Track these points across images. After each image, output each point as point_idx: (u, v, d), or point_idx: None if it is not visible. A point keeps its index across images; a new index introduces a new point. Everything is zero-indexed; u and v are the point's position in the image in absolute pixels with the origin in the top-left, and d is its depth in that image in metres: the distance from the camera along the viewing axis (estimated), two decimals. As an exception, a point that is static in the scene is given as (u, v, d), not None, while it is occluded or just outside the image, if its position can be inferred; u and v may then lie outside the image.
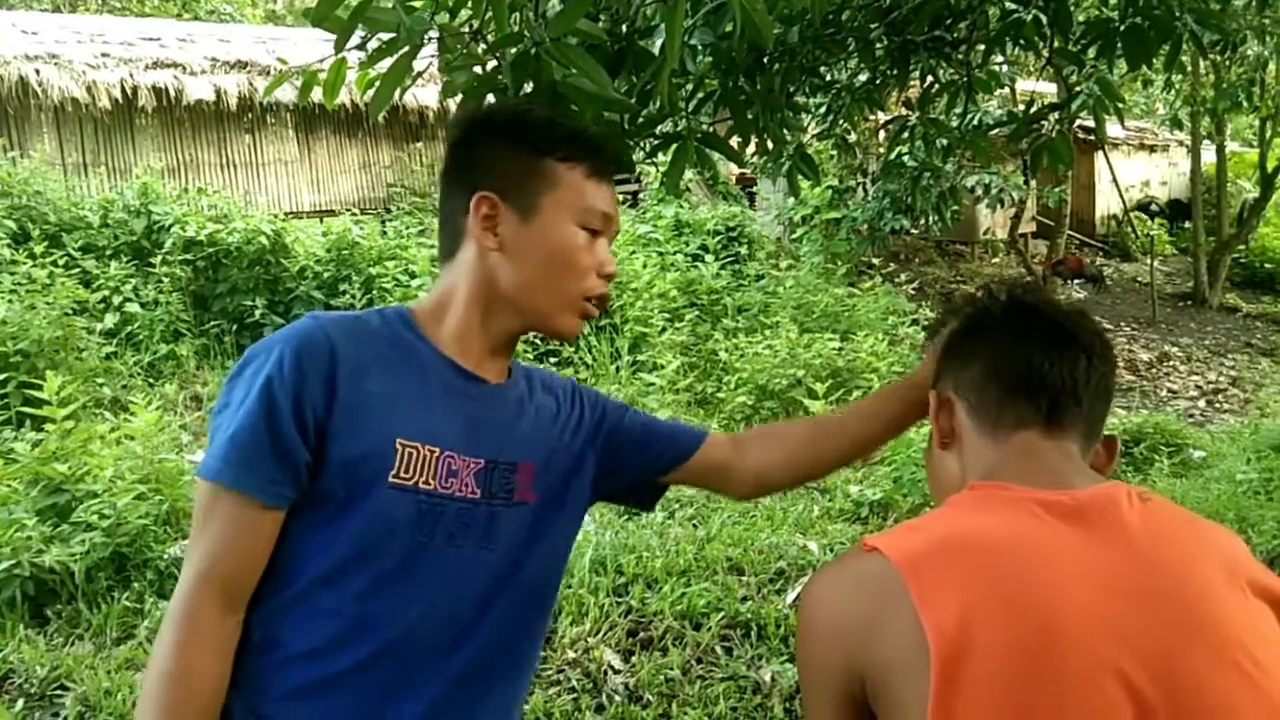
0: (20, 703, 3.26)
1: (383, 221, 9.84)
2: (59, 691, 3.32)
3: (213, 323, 7.75)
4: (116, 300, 7.39)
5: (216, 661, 1.12)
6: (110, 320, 7.22)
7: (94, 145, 9.62)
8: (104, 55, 9.80)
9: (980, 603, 0.84)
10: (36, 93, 9.08)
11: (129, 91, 9.56)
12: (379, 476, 1.14)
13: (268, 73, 10.28)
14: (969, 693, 0.81)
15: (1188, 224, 14.22)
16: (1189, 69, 10.56)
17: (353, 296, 7.99)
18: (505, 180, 1.23)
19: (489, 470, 1.23)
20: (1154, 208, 16.64)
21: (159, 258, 7.76)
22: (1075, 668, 0.82)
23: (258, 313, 7.81)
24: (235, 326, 7.81)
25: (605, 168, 1.28)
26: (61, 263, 7.34)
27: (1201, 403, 8.20)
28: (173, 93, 9.81)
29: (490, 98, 1.54)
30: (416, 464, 1.16)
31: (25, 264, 7.00)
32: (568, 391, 1.43)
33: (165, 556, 4.00)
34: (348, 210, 9.98)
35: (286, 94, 9.70)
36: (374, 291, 7.95)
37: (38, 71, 9.16)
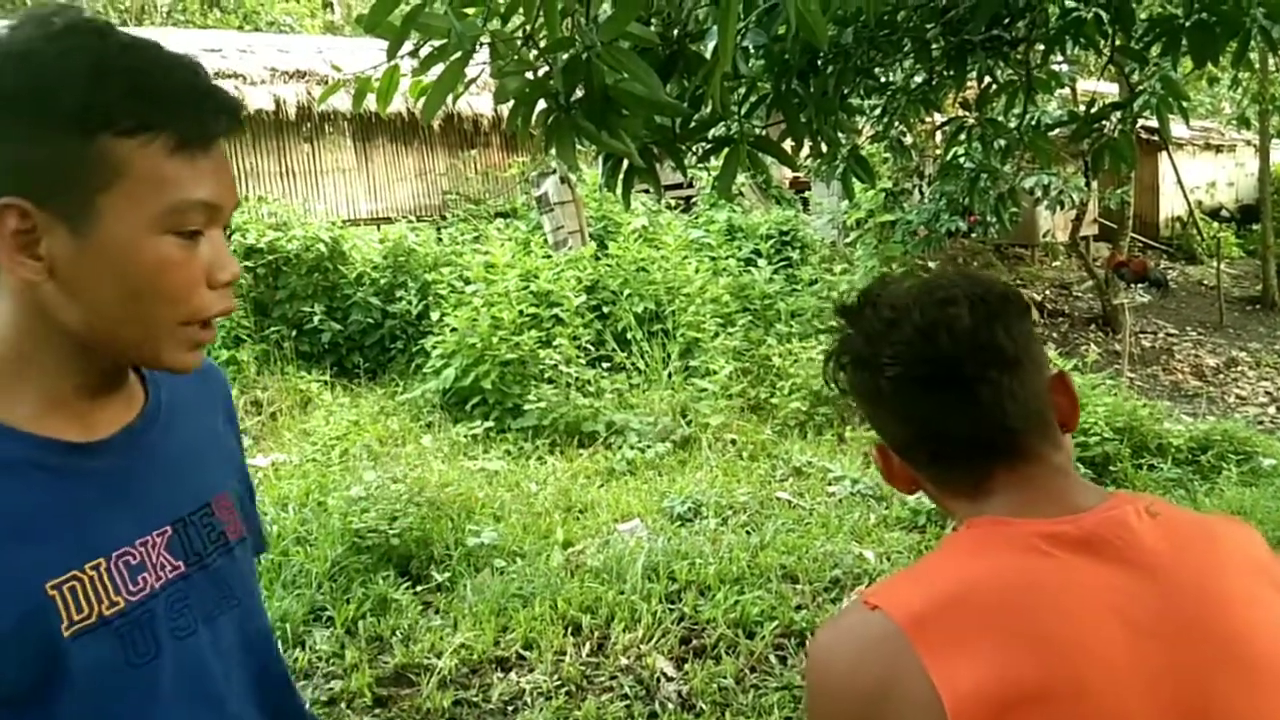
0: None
1: (438, 228, 9.96)
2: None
3: (273, 329, 7.87)
4: (179, 307, 7.55)
5: None
6: (173, 327, 7.37)
7: (158, 155, 9.83)
8: (168, 67, 10.02)
9: (996, 662, 0.79)
10: (103, 104, 9.30)
11: (191, 102, 9.75)
12: (51, 639, 0.84)
13: (326, 82, 10.43)
14: None
15: (1255, 226, 13.86)
16: (1257, 66, 10.29)
17: (409, 302, 8.09)
18: (36, 177, 0.82)
19: (180, 532, 0.96)
20: (1224, 213, 16.25)
21: (220, 265, 7.90)
22: (1106, 719, 0.78)
23: (316, 319, 7.94)
24: (295, 332, 7.93)
25: (200, 132, 0.86)
26: (126, 271, 7.51)
27: (1271, 409, 7.97)
28: (233, 103, 9.99)
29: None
30: (85, 594, 0.87)
31: (92, 272, 7.18)
32: (221, 402, 1.14)
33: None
34: (404, 217, 10.11)
35: (344, 103, 9.85)
36: (430, 297, 8.04)
37: (104, 84, 9.38)
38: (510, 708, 3.29)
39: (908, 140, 3.88)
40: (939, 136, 9.21)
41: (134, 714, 0.91)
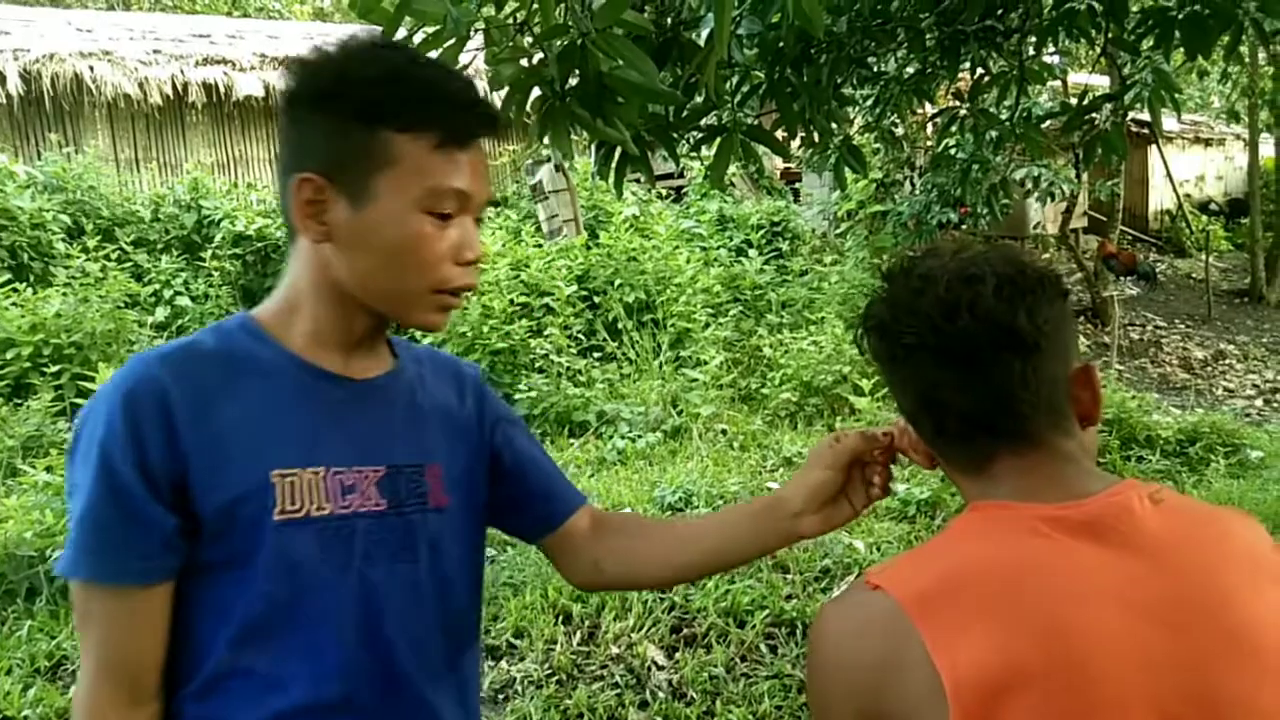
0: (73, 689, 3.32)
1: (428, 216, 9.93)
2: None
3: (261, 316, 7.84)
4: (167, 294, 7.52)
5: None
6: (161, 313, 7.35)
7: (146, 141, 9.78)
8: (156, 52, 9.96)
9: (995, 642, 0.79)
10: (91, 89, 9.24)
11: (180, 88, 9.71)
12: (262, 517, 1.00)
13: (315, 69, 10.38)
14: None
15: (1244, 220, 13.92)
16: (1247, 59, 10.32)
17: (398, 291, 8.08)
18: (331, 158, 1.02)
19: (392, 476, 1.10)
20: (1213, 207, 16.31)
21: (209, 252, 7.88)
22: (1105, 702, 0.78)
23: (305, 307, 7.92)
24: (283, 320, 7.90)
25: (460, 134, 1.04)
26: (114, 257, 7.49)
27: (1259, 402, 8.01)
28: (222, 89, 9.95)
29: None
30: (301, 492, 1.03)
31: (79, 258, 7.15)
32: (470, 384, 1.26)
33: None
34: (393, 205, 10.07)
35: (334, 90, 9.79)
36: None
37: (92, 68, 9.32)
38: (501, 696, 3.29)
39: (899, 131, 3.88)
40: (930, 128, 9.22)
41: (315, 611, 1.03)
